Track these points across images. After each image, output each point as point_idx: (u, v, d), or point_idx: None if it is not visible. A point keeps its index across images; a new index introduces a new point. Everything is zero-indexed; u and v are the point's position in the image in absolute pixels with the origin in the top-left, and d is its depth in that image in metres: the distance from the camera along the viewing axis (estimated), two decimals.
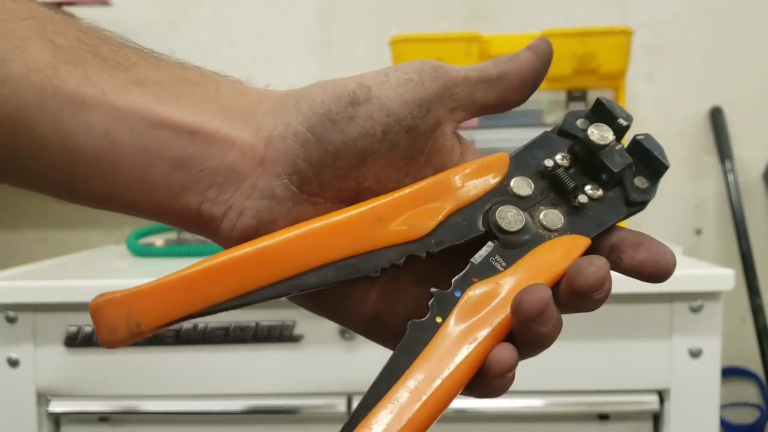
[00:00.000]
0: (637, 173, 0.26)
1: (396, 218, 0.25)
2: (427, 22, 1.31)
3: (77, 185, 0.25)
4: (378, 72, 0.26)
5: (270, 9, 1.34)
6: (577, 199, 0.26)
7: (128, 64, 0.25)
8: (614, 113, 0.26)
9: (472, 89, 0.26)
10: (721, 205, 1.31)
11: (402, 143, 0.25)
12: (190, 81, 0.26)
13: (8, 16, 0.24)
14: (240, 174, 0.25)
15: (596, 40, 1.02)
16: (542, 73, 0.27)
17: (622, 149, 0.26)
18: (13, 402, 0.84)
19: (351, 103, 0.25)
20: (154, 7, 1.33)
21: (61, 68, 0.24)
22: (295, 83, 1.05)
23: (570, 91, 1.05)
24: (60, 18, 0.25)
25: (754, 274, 1.19)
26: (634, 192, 0.26)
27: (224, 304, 0.23)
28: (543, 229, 0.25)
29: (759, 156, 1.30)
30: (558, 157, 0.26)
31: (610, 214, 0.26)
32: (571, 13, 1.31)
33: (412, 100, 0.25)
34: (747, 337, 1.21)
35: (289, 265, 0.24)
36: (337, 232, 0.25)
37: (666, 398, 0.80)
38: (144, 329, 0.23)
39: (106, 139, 0.24)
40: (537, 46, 0.28)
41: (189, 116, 0.25)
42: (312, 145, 0.25)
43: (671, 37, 1.31)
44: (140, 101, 0.24)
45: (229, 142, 0.25)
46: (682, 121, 1.32)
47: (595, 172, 0.26)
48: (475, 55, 1.03)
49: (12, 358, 0.83)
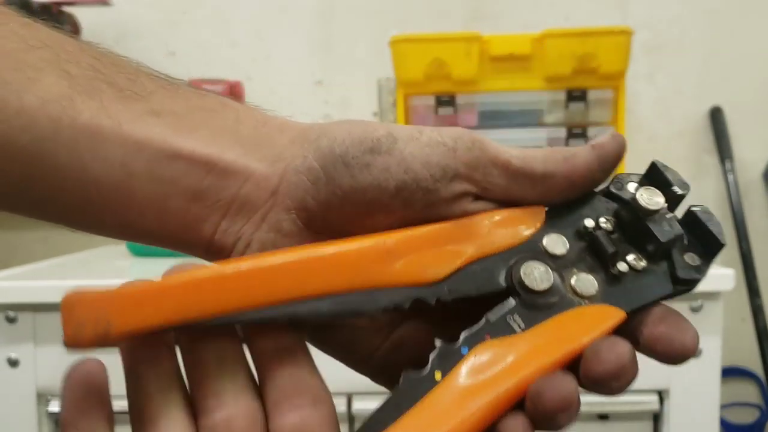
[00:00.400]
0: (689, 248, 0.24)
1: (408, 256, 0.23)
2: (427, 22, 1.31)
3: (93, 217, 0.24)
4: (414, 127, 0.25)
5: (270, 9, 1.34)
6: (617, 267, 0.23)
7: (145, 94, 0.24)
8: (669, 179, 0.24)
9: (509, 179, 0.24)
10: (721, 205, 1.31)
11: (417, 204, 0.24)
12: (207, 109, 0.25)
13: (21, 45, 0.23)
14: (253, 205, 0.24)
15: (596, 40, 1.02)
16: (599, 179, 0.24)
17: (674, 219, 0.23)
18: (13, 402, 0.84)
19: (371, 150, 0.23)
20: (154, 7, 1.33)
21: (76, 99, 0.23)
22: (295, 83, 1.06)
23: (570, 90, 1.05)
24: (73, 45, 0.25)
25: (754, 274, 1.19)
26: (683, 269, 0.23)
27: (203, 322, 0.21)
28: (573, 293, 0.23)
29: (759, 156, 1.30)
30: (601, 219, 0.24)
31: (653, 288, 0.23)
32: (571, 13, 1.31)
33: (436, 164, 0.24)
34: (747, 337, 1.21)
35: (279, 290, 0.22)
36: (338, 262, 0.22)
37: (666, 398, 0.80)
38: (113, 333, 0.21)
39: (122, 170, 0.23)
40: (603, 147, 0.24)
41: (206, 147, 0.24)
42: (322, 184, 0.24)
43: (671, 37, 1.31)
44: (157, 132, 0.24)
45: (246, 174, 0.24)
46: (682, 121, 1.32)
47: (641, 240, 0.23)
48: (475, 54, 1.03)
49: (12, 358, 0.83)
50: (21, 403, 0.84)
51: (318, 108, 1.35)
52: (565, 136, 1.06)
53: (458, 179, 0.24)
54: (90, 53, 0.25)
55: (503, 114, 1.07)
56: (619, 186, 0.24)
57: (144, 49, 1.33)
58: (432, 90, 1.06)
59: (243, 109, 0.26)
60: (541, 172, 0.24)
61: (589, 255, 0.23)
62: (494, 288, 0.23)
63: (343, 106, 1.35)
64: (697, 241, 0.24)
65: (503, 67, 1.05)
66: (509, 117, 1.07)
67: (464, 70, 1.04)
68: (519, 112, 1.07)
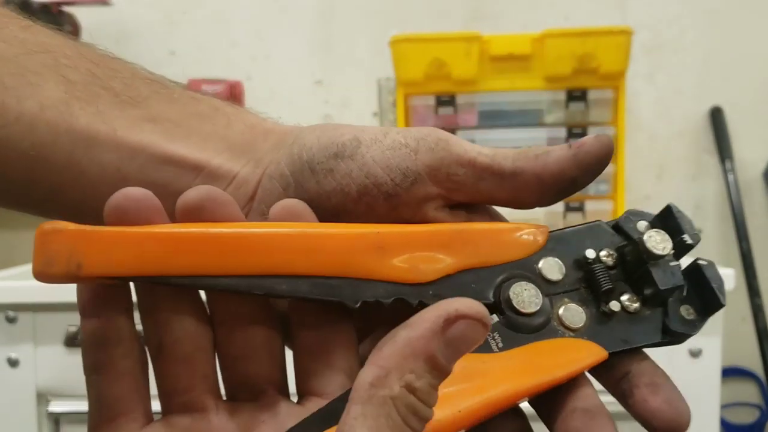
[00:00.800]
0: (686, 301, 0.23)
1: (399, 254, 0.22)
2: (427, 22, 1.31)
3: (90, 216, 0.25)
4: (380, 129, 0.25)
5: (270, 9, 1.34)
6: (609, 305, 0.22)
7: (140, 99, 0.25)
8: (681, 227, 0.23)
9: (476, 176, 0.23)
10: (721, 204, 1.31)
11: (380, 209, 0.23)
12: (201, 115, 0.26)
13: (21, 50, 0.24)
14: None
15: (596, 40, 1.02)
16: (576, 181, 0.23)
17: (677, 268, 0.22)
18: (13, 402, 0.84)
19: (335, 156, 0.24)
20: (154, 7, 1.33)
21: (74, 104, 0.24)
22: (295, 83, 1.05)
23: (570, 90, 1.05)
24: (73, 48, 0.25)
25: (754, 274, 1.19)
26: (677, 321, 0.22)
27: (177, 279, 0.21)
28: (559, 323, 0.22)
29: (759, 155, 1.30)
30: (603, 252, 0.23)
31: (641, 334, 0.22)
32: (571, 13, 1.31)
33: (396, 167, 0.23)
34: (747, 337, 1.21)
35: (259, 262, 0.21)
36: (327, 245, 0.22)
37: None
38: (83, 273, 0.20)
39: (117, 174, 0.24)
40: (582, 146, 0.23)
41: (196, 152, 0.25)
42: (291, 190, 0.24)
43: (671, 37, 1.31)
44: (151, 138, 0.25)
45: (229, 177, 0.25)
46: (682, 121, 1.32)
47: (640, 281, 0.23)
48: (475, 54, 1.03)
49: (12, 358, 0.83)
50: (21, 403, 0.84)
51: (318, 108, 1.35)
52: (565, 136, 1.06)
53: (420, 182, 0.23)
54: (89, 57, 0.25)
55: (503, 114, 1.07)
56: (628, 222, 0.23)
57: (144, 48, 1.33)
58: (432, 90, 1.06)
59: (234, 114, 0.26)
60: (510, 169, 0.23)
61: (584, 286, 0.23)
62: (480, 301, 0.21)
63: (343, 106, 1.35)
64: (696, 294, 0.23)
65: (503, 67, 1.05)
66: (509, 117, 1.07)
67: (464, 70, 1.04)
68: (519, 112, 1.07)
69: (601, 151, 0.23)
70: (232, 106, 0.27)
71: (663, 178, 1.32)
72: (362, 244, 0.22)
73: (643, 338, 0.22)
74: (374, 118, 1.35)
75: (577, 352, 0.21)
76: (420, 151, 0.23)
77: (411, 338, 0.18)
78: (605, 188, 1.07)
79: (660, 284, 0.22)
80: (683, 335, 0.23)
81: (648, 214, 0.24)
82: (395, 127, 0.25)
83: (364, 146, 0.24)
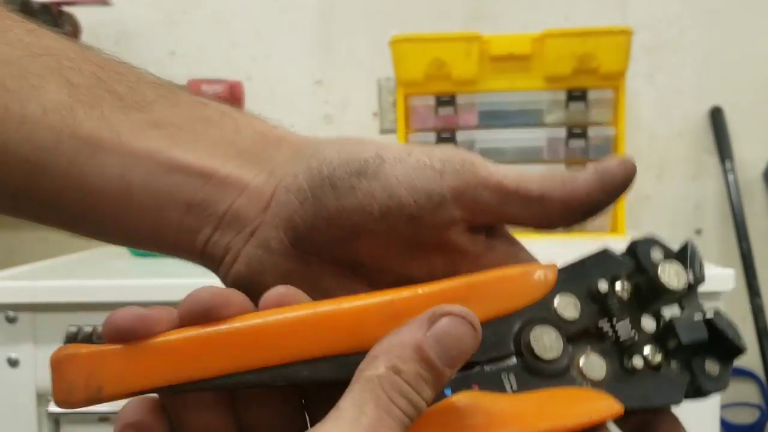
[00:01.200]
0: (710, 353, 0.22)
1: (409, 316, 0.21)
2: (427, 22, 1.31)
3: (92, 224, 0.25)
4: (403, 147, 0.24)
5: (270, 9, 1.34)
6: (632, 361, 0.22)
7: (145, 104, 0.24)
8: (693, 266, 0.23)
9: (502, 199, 0.23)
10: (721, 204, 1.31)
11: (402, 229, 0.23)
12: (207, 120, 0.25)
13: (25, 52, 0.23)
14: (244, 219, 0.24)
15: (596, 40, 1.02)
16: (602, 203, 0.23)
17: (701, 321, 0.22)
18: (13, 402, 0.84)
19: (357, 173, 0.23)
20: (154, 7, 1.33)
21: (77, 109, 0.23)
22: (295, 83, 1.05)
23: (570, 90, 1.05)
24: (77, 51, 0.25)
25: (754, 273, 1.19)
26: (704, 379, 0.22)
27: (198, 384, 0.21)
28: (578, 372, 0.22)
29: (759, 155, 1.30)
30: (617, 284, 0.23)
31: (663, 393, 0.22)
32: (571, 13, 1.31)
33: (421, 189, 0.23)
34: (747, 337, 1.21)
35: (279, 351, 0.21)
36: (343, 321, 0.21)
37: None
38: (105, 395, 0.20)
39: (121, 182, 0.24)
40: (608, 172, 0.23)
41: (203, 159, 0.24)
42: (309, 205, 0.23)
43: (671, 37, 1.31)
44: (156, 144, 0.24)
45: (241, 186, 0.24)
46: (682, 121, 1.32)
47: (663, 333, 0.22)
48: (475, 54, 1.03)
49: (12, 358, 0.83)
50: (21, 403, 0.84)
51: (318, 108, 1.35)
52: (565, 136, 1.06)
53: (445, 205, 0.23)
54: (93, 60, 0.25)
55: (503, 114, 1.07)
56: (641, 249, 0.23)
57: (144, 48, 1.33)
58: (432, 90, 1.06)
59: (243, 119, 0.26)
60: (538, 194, 0.23)
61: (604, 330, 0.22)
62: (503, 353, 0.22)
63: (343, 106, 1.35)
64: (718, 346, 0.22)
65: (503, 67, 1.05)
66: (509, 117, 1.07)
67: (464, 69, 1.04)
68: (519, 112, 1.07)
69: (627, 176, 0.24)
70: (240, 112, 0.26)
71: (663, 178, 1.32)
72: (377, 315, 0.22)
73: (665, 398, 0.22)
74: (374, 118, 1.35)
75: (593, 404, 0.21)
76: (446, 173, 0.23)
77: (400, 331, 0.20)
78: None
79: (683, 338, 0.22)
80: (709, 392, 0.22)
81: (663, 243, 0.23)
82: (417, 145, 0.24)
83: (387, 165, 0.23)
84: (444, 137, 1.06)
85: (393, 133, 1.27)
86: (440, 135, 1.06)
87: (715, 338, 0.22)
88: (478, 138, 1.07)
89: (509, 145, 1.07)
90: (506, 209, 0.23)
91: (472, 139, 1.06)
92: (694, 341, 0.22)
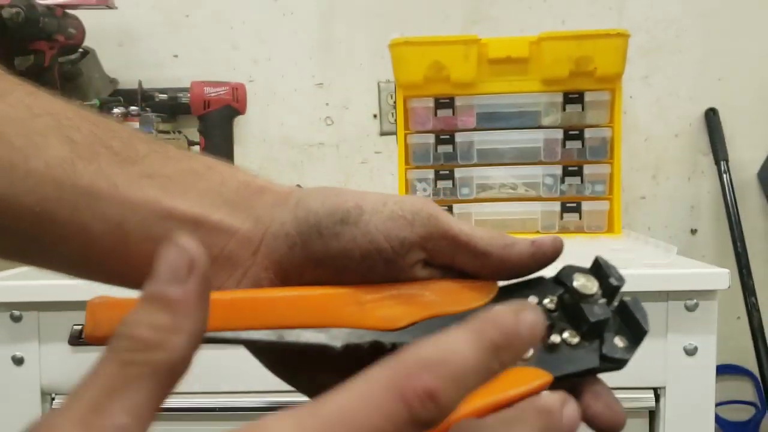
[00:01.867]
0: (620, 332, 0.27)
1: (375, 307, 0.26)
2: (427, 25, 1.32)
3: (93, 269, 0.27)
4: (380, 198, 0.28)
5: (272, 12, 1.35)
6: (551, 338, 0.26)
7: (138, 158, 0.27)
8: (608, 272, 0.27)
9: (455, 249, 0.27)
10: (716, 205, 1.32)
11: (379, 269, 0.27)
12: (196, 173, 0.28)
13: (27, 113, 0.26)
14: (236, 262, 0.27)
15: (593, 43, 1.03)
16: (531, 270, 0.28)
17: (605, 304, 0.27)
18: (17, 400, 0.85)
19: (341, 221, 0.27)
20: (157, 9, 1.34)
21: (77, 163, 0.26)
22: (296, 85, 1.07)
23: (567, 92, 1.06)
24: (74, 111, 0.27)
25: (749, 273, 1.21)
26: (611, 349, 0.26)
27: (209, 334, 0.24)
28: None
29: (754, 156, 1.31)
30: (546, 300, 0.27)
31: (580, 361, 0.26)
32: (568, 17, 1.32)
33: (396, 237, 0.27)
34: (742, 335, 1.23)
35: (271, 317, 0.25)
36: (320, 302, 0.26)
37: (661, 396, 0.81)
38: None
39: (119, 229, 0.26)
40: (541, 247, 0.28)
41: (195, 207, 0.27)
42: (298, 249, 0.27)
43: (667, 40, 1.32)
44: (150, 194, 0.26)
45: (231, 232, 0.27)
46: (678, 123, 1.33)
47: (577, 320, 0.27)
48: (473, 57, 1.04)
49: (17, 356, 0.84)
50: (25, 401, 0.84)
51: (319, 110, 1.36)
52: (562, 138, 1.07)
53: (414, 249, 0.27)
54: (89, 119, 0.27)
55: (501, 116, 1.08)
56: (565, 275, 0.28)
57: (147, 51, 1.34)
58: (431, 92, 1.07)
59: (227, 171, 0.29)
60: (482, 250, 0.27)
61: None
62: None
63: (343, 108, 1.36)
64: (626, 326, 0.27)
65: (501, 69, 1.06)
66: (507, 119, 1.08)
67: (463, 72, 1.05)
68: (517, 114, 1.08)
69: (555, 252, 0.28)
70: (224, 164, 0.29)
71: (658, 179, 1.34)
72: (347, 300, 0.26)
73: (583, 364, 0.26)
74: (374, 120, 1.36)
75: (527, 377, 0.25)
76: (416, 223, 0.27)
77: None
78: (601, 189, 1.08)
79: (590, 317, 0.26)
80: (619, 360, 0.26)
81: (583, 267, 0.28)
82: (392, 195, 0.28)
83: (366, 214, 0.27)
84: (443, 138, 1.07)
85: (392, 134, 1.28)
86: (439, 136, 1.07)
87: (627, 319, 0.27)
88: (477, 139, 1.08)
89: (507, 147, 1.08)
90: (456, 257, 0.28)
91: (470, 141, 1.08)
92: (599, 319, 0.26)
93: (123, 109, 1.18)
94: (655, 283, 0.79)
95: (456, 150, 1.08)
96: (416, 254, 0.27)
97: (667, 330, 0.80)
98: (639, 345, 0.27)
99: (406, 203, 0.27)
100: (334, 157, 1.37)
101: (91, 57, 1.28)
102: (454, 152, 1.08)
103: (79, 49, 1.26)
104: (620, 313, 0.27)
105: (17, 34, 1.13)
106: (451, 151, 1.08)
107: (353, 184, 1.37)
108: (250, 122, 1.35)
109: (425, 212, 0.27)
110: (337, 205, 0.27)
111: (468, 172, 1.08)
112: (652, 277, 0.80)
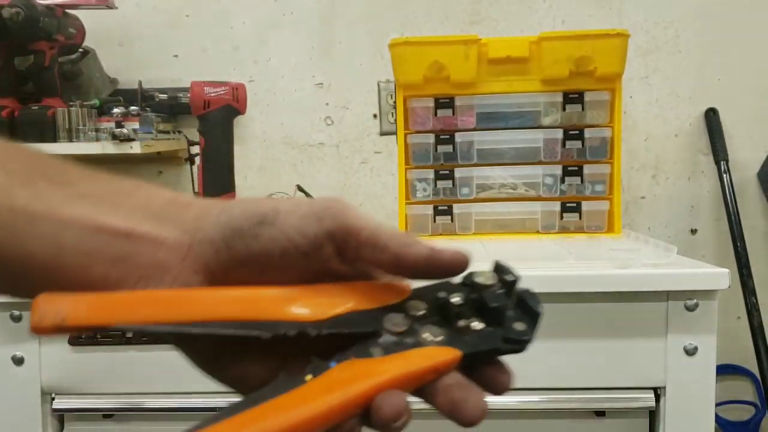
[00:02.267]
0: (519, 319, 0.30)
1: (300, 303, 0.29)
2: (427, 26, 1.32)
3: (28, 286, 0.29)
4: (296, 201, 0.30)
5: (272, 13, 1.35)
6: (458, 323, 0.30)
7: (71, 182, 0.30)
8: (505, 270, 0.31)
9: (359, 244, 0.29)
10: (716, 205, 1.32)
11: (299, 264, 0.29)
12: (125, 192, 0.30)
13: None
14: (166, 268, 0.29)
15: (592, 43, 1.03)
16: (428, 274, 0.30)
17: (502, 294, 0.30)
18: (18, 399, 0.85)
19: (259, 223, 0.29)
20: (157, 9, 1.35)
21: (14, 188, 0.28)
22: (296, 85, 1.07)
23: (567, 92, 1.06)
24: (13, 147, 0.30)
25: (749, 273, 1.21)
26: (510, 331, 0.30)
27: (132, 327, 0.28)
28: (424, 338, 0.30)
29: (753, 156, 1.32)
30: (453, 296, 0.31)
31: (485, 342, 0.30)
32: (567, 17, 1.32)
33: (308, 233, 0.29)
34: (742, 335, 1.23)
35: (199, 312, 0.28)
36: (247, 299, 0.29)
37: (662, 395, 0.81)
38: (66, 325, 0.27)
39: (53, 245, 0.28)
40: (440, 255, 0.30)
41: (124, 221, 0.29)
42: (223, 252, 0.29)
43: (666, 40, 1.32)
44: (83, 212, 0.29)
45: (159, 242, 0.29)
46: (678, 123, 1.33)
47: (481, 310, 0.30)
48: (473, 57, 1.04)
49: (17, 356, 0.84)
50: (26, 400, 0.85)
51: (319, 110, 1.36)
52: (562, 137, 1.07)
53: (326, 243, 0.29)
54: (27, 153, 0.30)
55: (501, 116, 1.08)
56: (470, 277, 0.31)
57: (148, 51, 1.34)
58: (431, 92, 1.07)
59: (154, 190, 0.31)
60: (382, 245, 0.29)
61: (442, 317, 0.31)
62: (364, 329, 0.29)
63: (343, 108, 1.37)
64: (524, 313, 0.30)
65: (501, 69, 1.06)
66: (507, 119, 1.08)
67: (463, 72, 1.05)
68: (517, 114, 1.08)
69: (453, 263, 0.30)
70: (152, 185, 0.31)
71: (658, 179, 1.34)
72: (273, 296, 0.29)
73: (487, 344, 0.29)
74: (374, 119, 1.36)
75: (438, 353, 0.29)
76: (324, 219, 0.29)
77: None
78: (601, 189, 1.08)
79: (490, 303, 0.30)
80: (519, 341, 0.29)
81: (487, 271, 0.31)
82: (308, 198, 0.30)
83: (282, 215, 0.29)
84: (443, 138, 1.08)
85: (392, 134, 1.28)
86: (439, 136, 1.08)
87: (523, 307, 0.30)
88: (477, 139, 1.08)
89: (507, 147, 1.08)
90: (361, 251, 0.30)
91: (470, 141, 1.08)
92: (499, 305, 0.30)
93: (123, 109, 1.18)
94: (655, 283, 0.80)
95: (456, 150, 1.08)
96: (328, 248, 0.29)
97: (667, 330, 0.80)
98: (536, 327, 0.30)
99: (318, 203, 0.30)
100: (334, 157, 1.37)
101: (92, 57, 1.28)
102: (454, 152, 1.08)
103: (80, 49, 1.27)
104: (518, 303, 0.31)
105: (17, 34, 1.13)
106: (451, 151, 1.08)
107: (353, 184, 1.37)
108: (250, 122, 1.35)
109: (333, 209, 0.29)
110: (256, 210, 0.29)
111: (468, 172, 1.08)
112: (652, 277, 0.80)
